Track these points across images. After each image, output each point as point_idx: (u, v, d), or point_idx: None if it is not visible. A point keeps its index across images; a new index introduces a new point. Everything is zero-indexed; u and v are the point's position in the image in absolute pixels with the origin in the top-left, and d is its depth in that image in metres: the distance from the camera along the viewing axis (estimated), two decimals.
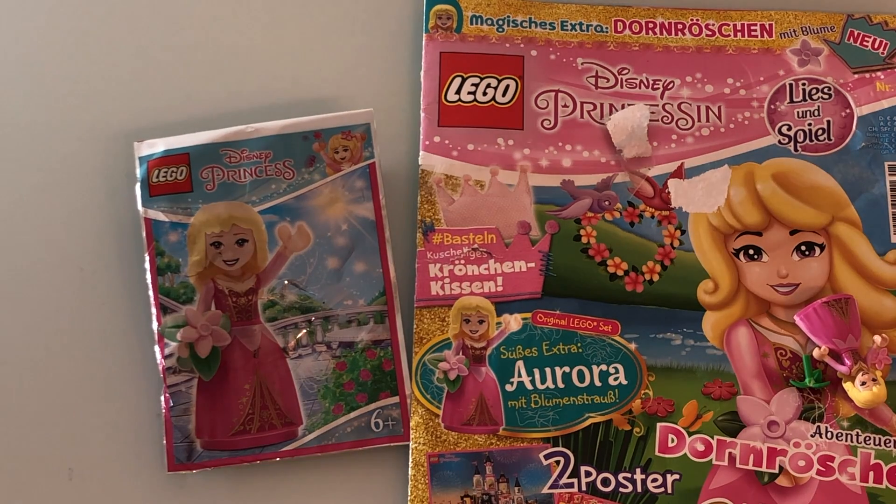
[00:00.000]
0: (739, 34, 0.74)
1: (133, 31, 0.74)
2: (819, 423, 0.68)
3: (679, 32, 0.74)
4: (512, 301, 0.70)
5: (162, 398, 0.67)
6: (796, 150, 0.72)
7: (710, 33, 0.74)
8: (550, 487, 0.67)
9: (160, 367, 0.67)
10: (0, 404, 0.69)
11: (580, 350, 0.69)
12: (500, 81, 0.73)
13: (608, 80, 0.74)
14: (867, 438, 0.67)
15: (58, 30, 0.74)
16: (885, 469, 0.66)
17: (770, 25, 0.74)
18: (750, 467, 0.67)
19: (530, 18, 0.74)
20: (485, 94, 0.73)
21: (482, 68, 0.73)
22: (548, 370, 0.69)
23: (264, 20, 0.75)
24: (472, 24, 0.74)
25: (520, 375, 0.69)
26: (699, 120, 0.73)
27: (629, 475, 0.67)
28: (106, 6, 0.74)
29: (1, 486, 0.68)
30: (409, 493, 0.66)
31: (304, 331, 0.69)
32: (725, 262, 0.70)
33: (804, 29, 0.74)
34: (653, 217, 0.71)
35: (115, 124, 0.72)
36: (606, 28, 0.74)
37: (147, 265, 0.68)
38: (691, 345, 0.69)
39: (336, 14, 0.75)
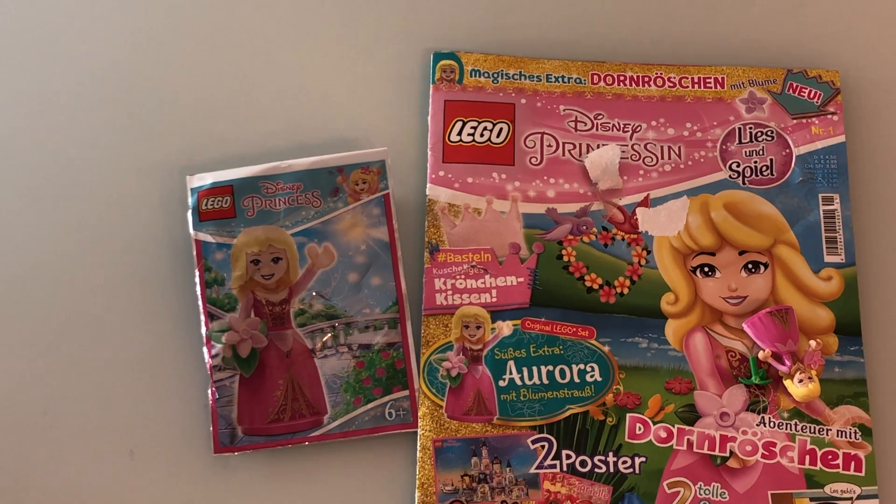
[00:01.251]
0: (696, 86, 0.75)
1: (188, 83, 0.76)
2: (763, 415, 0.69)
3: (646, 84, 0.74)
4: (504, 310, 0.70)
5: (209, 391, 0.69)
6: (744, 183, 0.73)
7: (671, 85, 0.74)
8: (536, 468, 0.68)
9: (208, 366, 0.69)
10: (75, 396, 0.71)
11: (562, 352, 0.70)
12: (494, 125, 0.73)
13: (586, 124, 0.73)
14: (804, 427, 0.69)
15: (125, 84, 0.76)
16: (819, 453, 0.69)
17: (722, 78, 0.75)
18: (705, 451, 0.69)
19: (520, 72, 0.74)
20: (482, 135, 0.73)
21: (480, 114, 0.73)
22: (534, 368, 0.70)
23: (297, 74, 0.76)
24: (471, 76, 0.74)
25: (511, 373, 0.69)
26: (662, 158, 0.73)
27: (603, 458, 0.68)
28: (163, 63, 0.76)
29: (74, 465, 0.70)
30: (417, 473, 0.68)
31: (329, 335, 0.69)
32: (684, 277, 0.71)
33: (751, 81, 0.75)
34: (623, 239, 0.72)
35: (172, 160, 0.74)
36: (584, 80, 0.74)
37: (197, 279, 0.70)
38: (655, 347, 0.70)
39: (357, 67, 0.76)
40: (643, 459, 0.69)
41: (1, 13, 0.76)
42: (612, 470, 0.68)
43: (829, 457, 0.68)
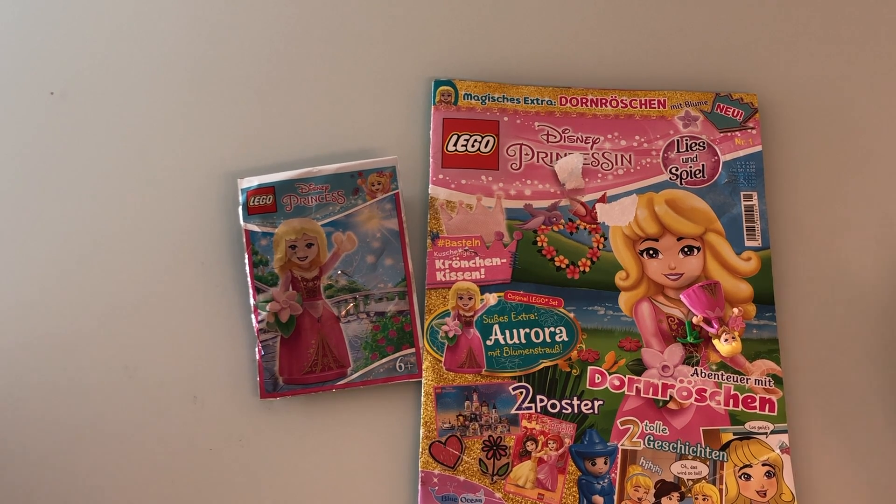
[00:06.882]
0: (644, 106, 0.79)
1: (242, 106, 0.80)
2: (696, 367, 0.74)
3: (603, 105, 0.79)
4: (491, 284, 0.75)
5: (256, 349, 0.73)
6: (681, 183, 0.78)
7: (623, 105, 0.79)
8: (516, 409, 0.73)
9: (255, 329, 0.73)
10: (149, 354, 0.74)
11: (537, 317, 0.74)
12: (483, 138, 0.77)
13: (555, 137, 0.78)
14: (728, 377, 0.74)
15: (195, 112, 0.79)
16: (741, 398, 0.74)
17: (664, 100, 0.80)
18: (650, 396, 0.73)
19: (503, 96, 0.79)
20: (473, 146, 0.77)
21: (471, 129, 0.78)
22: (515, 331, 0.74)
23: (327, 99, 0.80)
24: (464, 99, 0.79)
25: (496, 334, 0.74)
26: (616, 164, 0.78)
27: (569, 401, 0.73)
28: (223, 92, 0.80)
29: (149, 408, 0.74)
30: (422, 413, 0.73)
31: (352, 304, 0.73)
32: (634, 259, 0.76)
33: (687, 102, 0.80)
34: (585, 229, 0.77)
35: (227, 167, 0.78)
36: (554, 102, 0.79)
37: (246, 260, 0.74)
38: (611, 314, 0.74)
39: (374, 93, 0.81)
40: (601, 402, 0.73)
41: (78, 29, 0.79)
42: (576, 411, 0.73)
43: (749, 400, 0.74)
